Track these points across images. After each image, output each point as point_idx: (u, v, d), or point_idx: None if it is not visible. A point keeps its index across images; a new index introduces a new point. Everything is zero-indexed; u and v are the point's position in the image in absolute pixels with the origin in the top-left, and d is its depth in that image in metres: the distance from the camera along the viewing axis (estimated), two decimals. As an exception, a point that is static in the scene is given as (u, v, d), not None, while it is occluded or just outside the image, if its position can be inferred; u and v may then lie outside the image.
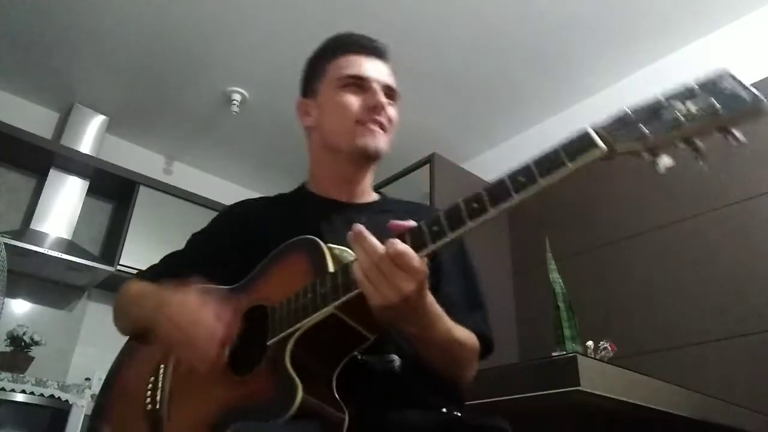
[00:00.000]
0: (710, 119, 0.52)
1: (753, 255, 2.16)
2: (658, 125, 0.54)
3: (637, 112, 0.56)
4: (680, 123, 0.53)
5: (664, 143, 0.55)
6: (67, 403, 2.57)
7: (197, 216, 3.60)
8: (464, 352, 0.85)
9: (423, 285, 0.68)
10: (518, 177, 0.61)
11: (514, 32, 2.77)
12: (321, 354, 0.73)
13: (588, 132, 0.59)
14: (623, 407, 1.14)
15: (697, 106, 0.53)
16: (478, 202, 0.63)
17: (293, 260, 0.82)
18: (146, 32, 2.88)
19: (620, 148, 0.57)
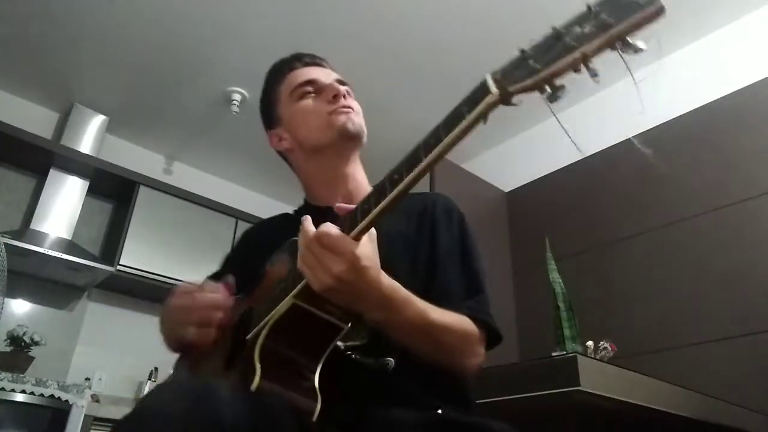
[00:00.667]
0: (602, 33, 0.50)
1: (753, 255, 2.16)
2: (550, 56, 0.53)
3: (533, 48, 0.55)
4: (570, 47, 0.51)
5: (556, 72, 0.52)
6: (67, 403, 2.57)
7: (197, 216, 3.61)
8: (448, 336, 0.81)
9: (356, 265, 0.67)
10: (428, 139, 0.62)
11: (514, 31, 2.77)
12: (294, 344, 0.74)
13: (484, 79, 0.57)
14: (623, 407, 1.14)
15: (590, 25, 0.51)
16: (397, 172, 0.64)
17: (277, 265, 0.86)
18: (146, 32, 2.89)
19: (513, 88, 0.55)
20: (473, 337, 0.85)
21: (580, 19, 0.53)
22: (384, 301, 0.73)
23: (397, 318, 0.75)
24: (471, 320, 0.85)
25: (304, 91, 1.07)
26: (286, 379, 0.71)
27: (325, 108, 1.03)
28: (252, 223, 3.52)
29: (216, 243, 3.58)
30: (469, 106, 0.59)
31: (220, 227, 3.70)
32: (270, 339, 0.73)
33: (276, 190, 4.24)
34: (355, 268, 0.67)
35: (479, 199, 3.09)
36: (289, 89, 1.10)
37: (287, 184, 1.15)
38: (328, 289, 0.68)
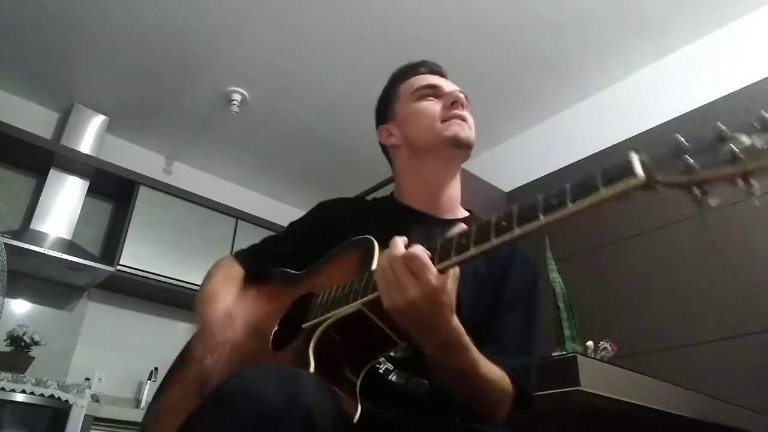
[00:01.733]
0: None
1: (753, 255, 2.16)
2: (711, 158, 0.48)
3: (692, 142, 0.50)
4: (737, 158, 0.46)
5: (712, 179, 0.48)
6: (67, 403, 2.57)
7: (197, 216, 3.62)
8: (487, 391, 0.80)
9: (432, 297, 0.65)
10: (550, 199, 0.58)
11: (515, 32, 2.77)
12: (347, 347, 0.75)
13: (629, 158, 0.54)
14: (623, 407, 1.14)
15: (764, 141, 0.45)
16: (507, 220, 0.61)
17: (348, 256, 0.85)
18: (146, 32, 2.89)
19: (662, 179, 0.51)
20: (507, 397, 0.84)
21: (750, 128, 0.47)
22: (445, 341, 0.71)
23: (450, 362, 0.74)
24: (510, 380, 0.84)
25: (425, 93, 1.09)
26: (335, 378, 0.71)
27: (440, 113, 1.05)
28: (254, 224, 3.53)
29: (216, 243, 3.59)
30: (606, 182, 0.55)
31: (220, 227, 3.70)
32: (327, 335, 0.73)
33: (276, 190, 4.25)
34: (431, 300, 0.65)
35: (479, 199, 3.08)
36: (411, 89, 1.11)
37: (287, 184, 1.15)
38: (396, 310, 0.67)
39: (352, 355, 0.75)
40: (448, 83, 1.12)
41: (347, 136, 3.54)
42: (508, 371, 0.83)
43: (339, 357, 0.74)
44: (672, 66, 2.80)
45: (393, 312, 0.67)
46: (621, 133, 2.72)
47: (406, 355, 0.83)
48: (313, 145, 3.69)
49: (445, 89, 1.09)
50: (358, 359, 0.75)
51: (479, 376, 0.76)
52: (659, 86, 2.80)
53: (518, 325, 0.92)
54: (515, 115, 3.28)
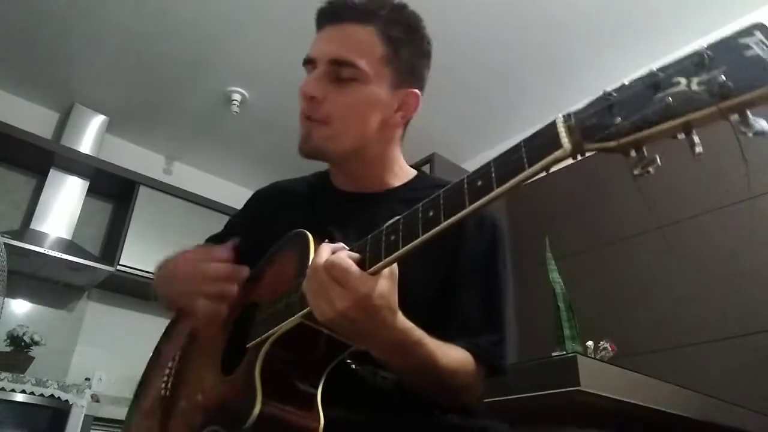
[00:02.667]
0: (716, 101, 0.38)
1: (753, 255, 2.16)
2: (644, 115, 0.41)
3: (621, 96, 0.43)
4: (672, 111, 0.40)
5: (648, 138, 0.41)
6: (67, 403, 2.57)
7: (197, 216, 3.61)
8: (452, 380, 0.74)
9: (363, 304, 0.59)
10: (477, 182, 0.53)
11: (514, 32, 2.77)
12: (297, 360, 0.70)
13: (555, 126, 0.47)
14: (623, 407, 1.14)
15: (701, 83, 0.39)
16: (434, 209, 0.56)
17: (285, 258, 0.78)
18: (146, 32, 2.88)
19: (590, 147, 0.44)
20: (474, 379, 0.77)
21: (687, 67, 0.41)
22: (392, 344, 0.66)
23: (403, 361, 0.70)
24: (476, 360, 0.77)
25: (306, 71, 0.89)
26: (289, 396, 0.68)
27: (301, 104, 0.88)
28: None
29: (216, 243, 3.59)
30: (530, 157, 0.49)
31: (220, 227, 3.69)
32: (273, 354, 0.69)
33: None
34: (362, 307, 0.60)
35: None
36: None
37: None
38: (329, 323, 0.62)
39: (304, 368, 0.71)
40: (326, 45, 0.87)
41: (347, 136, 3.54)
42: (473, 350, 0.76)
43: (290, 373, 0.70)
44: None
45: (326, 324, 0.63)
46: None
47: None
48: (313, 145, 3.69)
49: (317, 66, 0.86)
50: (311, 370, 0.71)
51: (438, 367, 0.71)
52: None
53: (480, 297, 0.83)
54: (515, 115, 3.28)
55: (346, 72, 0.84)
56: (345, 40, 0.86)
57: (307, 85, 0.85)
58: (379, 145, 0.91)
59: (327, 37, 0.88)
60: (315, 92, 0.84)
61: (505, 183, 0.50)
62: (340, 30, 0.87)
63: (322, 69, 0.85)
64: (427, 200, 0.58)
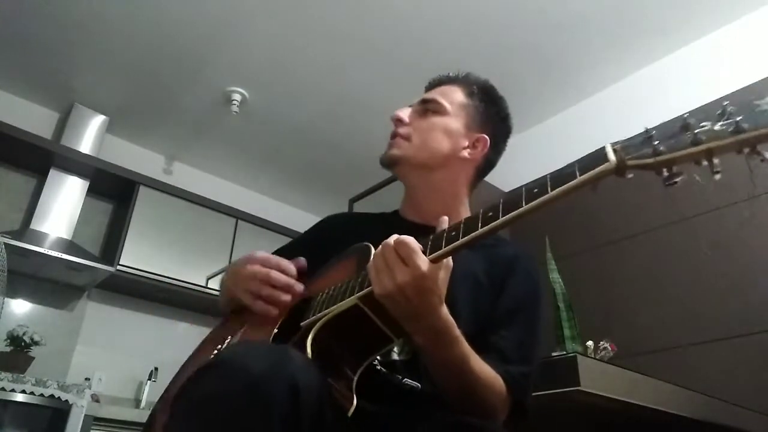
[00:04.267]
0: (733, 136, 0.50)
1: (753, 255, 2.16)
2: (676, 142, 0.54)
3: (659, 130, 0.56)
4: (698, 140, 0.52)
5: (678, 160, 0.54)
6: (67, 403, 2.57)
7: (197, 216, 3.62)
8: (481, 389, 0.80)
9: (420, 283, 0.67)
10: (533, 188, 0.64)
11: (514, 32, 2.77)
12: (343, 343, 0.76)
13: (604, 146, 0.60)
14: (623, 407, 1.14)
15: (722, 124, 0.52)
16: (493, 210, 0.66)
17: (346, 261, 0.87)
18: (146, 32, 2.89)
19: (632, 163, 0.57)
20: (502, 401, 0.83)
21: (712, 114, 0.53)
22: (435, 330, 0.73)
23: (440, 353, 0.75)
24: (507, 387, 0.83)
25: None
26: (331, 372, 0.72)
27: None
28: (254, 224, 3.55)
29: (216, 243, 3.59)
30: (582, 168, 0.61)
31: (220, 227, 3.70)
32: (324, 331, 0.75)
33: (276, 190, 4.25)
34: (419, 285, 0.68)
35: (479, 198, 3.08)
36: None
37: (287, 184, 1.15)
38: (386, 295, 0.69)
39: (348, 352, 0.76)
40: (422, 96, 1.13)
41: (347, 136, 3.54)
42: (503, 375, 0.83)
43: (336, 353, 0.75)
44: (672, 66, 2.80)
45: (382, 297, 0.69)
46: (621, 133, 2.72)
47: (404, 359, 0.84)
48: (314, 145, 3.69)
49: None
50: (354, 356, 0.77)
51: (470, 370, 0.77)
52: (659, 86, 2.80)
53: (518, 335, 0.91)
54: (515, 115, 3.25)
55: (429, 106, 1.08)
56: (437, 91, 1.12)
57: (399, 111, 1.08)
58: (445, 170, 1.06)
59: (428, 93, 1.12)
60: (402, 115, 1.08)
61: (558, 189, 0.61)
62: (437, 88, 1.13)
63: (415, 107, 1.10)
64: (488, 206, 0.68)
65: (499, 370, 0.83)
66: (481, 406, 0.81)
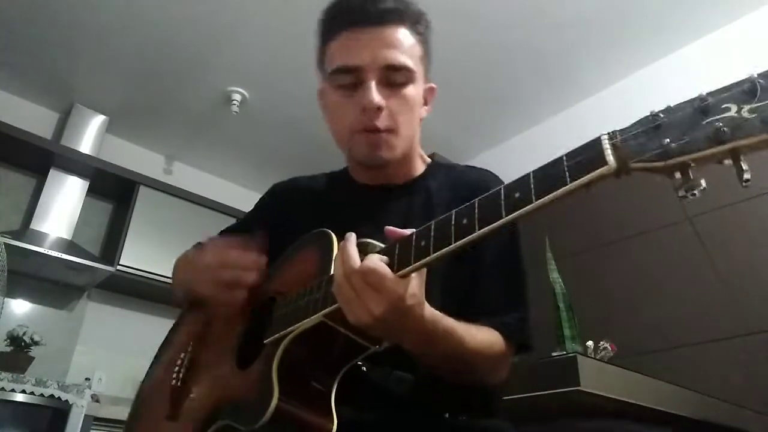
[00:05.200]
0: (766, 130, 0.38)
1: (753, 255, 2.16)
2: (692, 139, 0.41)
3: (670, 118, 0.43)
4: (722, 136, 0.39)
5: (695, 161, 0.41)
6: (67, 403, 2.57)
7: (197, 216, 3.61)
8: (481, 361, 0.74)
9: (399, 306, 0.60)
10: (514, 193, 0.52)
11: (514, 32, 2.77)
12: (314, 359, 0.70)
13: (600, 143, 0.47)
14: (623, 407, 1.14)
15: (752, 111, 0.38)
16: (468, 218, 0.55)
17: (307, 256, 0.78)
18: (146, 32, 2.88)
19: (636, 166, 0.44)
20: (504, 356, 0.78)
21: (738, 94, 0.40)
22: (424, 336, 0.66)
23: (433, 351, 0.70)
24: (504, 338, 0.78)
25: (341, 81, 0.85)
26: (304, 396, 0.67)
27: (351, 121, 0.84)
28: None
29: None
30: (573, 172, 0.48)
31: (220, 227, 3.68)
32: (291, 351, 0.69)
33: (276, 190, 4.24)
34: (398, 308, 0.60)
35: (479, 199, 3.08)
36: (329, 66, 0.87)
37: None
38: (364, 326, 0.62)
39: (320, 368, 0.70)
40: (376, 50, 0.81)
41: (347, 136, 3.54)
42: (500, 329, 0.77)
43: (306, 372, 0.69)
44: (672, 66, 2.80)
45: (361, 327, 0.63)
46: (621, 133, 2.72)
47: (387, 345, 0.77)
48: (314, 145, 3.68)
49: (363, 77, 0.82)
50: (327, 370, 0.70)
51: (467, 353, 0.71)
52: (659, 86, 2.80)
53: (504, 283, 0.85)
54: (515, 115, 3.28)
55: (401, 77, 0.83)
56: (393, 44, 0.82)
57: (372, 97, 0.80)
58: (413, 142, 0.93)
59: (369, 42, 0.82)
60: (382, 102, 0.81)
61: (544, 197, 0.49)
62: (379, 33, 0.83)
63: (375, 76, 0.82)
64: (462, 208, 0.57)
65: (495, 326, 0.77)
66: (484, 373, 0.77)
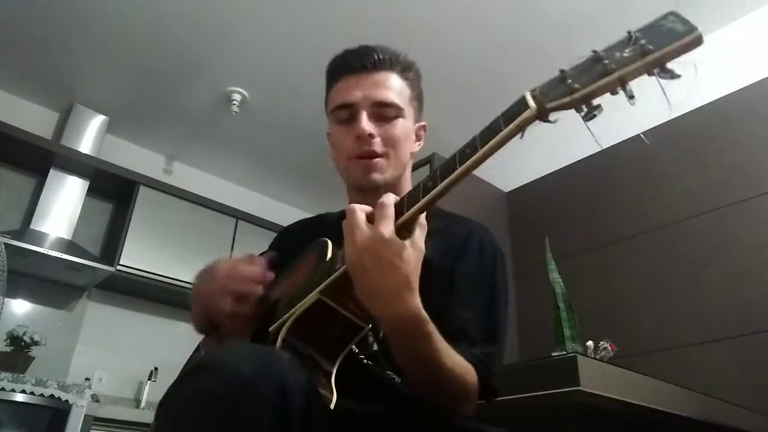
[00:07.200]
0: (640, 59, 0.52)
1: (753, 255, 2.16)
2: (588, 77, 0.55)
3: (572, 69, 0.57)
4: (609, 70, 0.53)
5: (593, 93, 0.55)
6: (67, 403, 2.57)
7: (197, 216, 3.62)
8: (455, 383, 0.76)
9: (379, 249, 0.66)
10: (464, 149, 0.64)
11: (515, 31, 2.77)
12: (315, 340, 0.75)
13: (523, 95, 0.60)
14: (623, 407, 1.14)
15: (629, 50, 0.53)
16: (431, 179, 0.66)
17: (307, 261, 0.86)
18: (146, 32, 2.89)
19: (550, 105, 0.57)
20: (472, 389, 0.79)
21: (620, 44, 0.55)
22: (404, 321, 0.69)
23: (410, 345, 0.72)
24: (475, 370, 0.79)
25: (340, 116, 0.98)
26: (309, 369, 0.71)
27: (348, 149, 0.96)
28: (254, 224, 3.55)
29: (216, 243, 3.59)
30: (506, 120, 0.61)
31: (220, 227, 3.71)
32: (293, 332, 0.74)
33: (276, 190, 4.24)
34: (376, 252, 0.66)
35: (479, 199, 3.08)
36: (331, 106, 1.00)
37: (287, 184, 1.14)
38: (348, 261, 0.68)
39: (321, 347, 0.75)
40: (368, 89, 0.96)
41: (347, 136, 3.54)
42: (470, 360, 0.79)
43: (309, 351, 0.75)
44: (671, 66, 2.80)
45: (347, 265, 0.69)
46: (621, 133, 2.72)
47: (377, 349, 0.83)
48: (314, 145, 3.68)
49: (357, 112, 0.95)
50: (329, 350, 0.75)
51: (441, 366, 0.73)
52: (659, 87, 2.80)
53: (478, 314, 0.86)
54: (515, 115, 3.27)
55: (390, 112, 0.96)
56: (383, 86, 0.97)
57: (363, 126, 0.93)
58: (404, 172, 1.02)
59: (363, 84, 0.97)
60: (373, 130, 0.94)
61: (487, 144, 0.62)
62: (371, 77, 0.97)
63: (366, 111, 0.95)
64: (428, 175, 0.67)
65: (467, 356, 0.79)
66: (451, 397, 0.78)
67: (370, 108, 0.95)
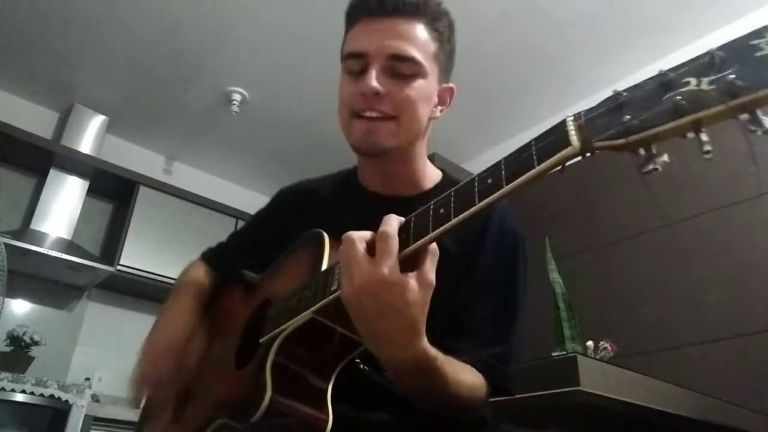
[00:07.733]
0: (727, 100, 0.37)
1: (753, 255, 2.15)
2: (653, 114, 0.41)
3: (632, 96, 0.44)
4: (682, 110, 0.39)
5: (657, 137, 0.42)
6: (67, 403, 2.57)
7: (197, 216, 3.62)
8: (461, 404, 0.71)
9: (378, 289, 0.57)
10: (485, 182, 0.53)
11: (515, 32, 2.77)
12: (310, 357, 0.71)
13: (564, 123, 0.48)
14: (623, 407, 1.14)
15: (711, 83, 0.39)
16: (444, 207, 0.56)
17: (301, 255, 0.79)
18: (146, 32, 2.88)
19: (599, 145, 0.44)
20: (480, 401, 0.74)
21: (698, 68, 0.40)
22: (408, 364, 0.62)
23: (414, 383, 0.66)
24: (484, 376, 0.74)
25: (348, 66, 0.85)
26: (298, 394, 0.68)
27: (351, 104, 0.83)
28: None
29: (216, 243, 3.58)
30: (540, 155, 0.49)
31: (220, 227, 3.70)
32: (284, 349, 0.70)
33: (276, 190, 4.24)
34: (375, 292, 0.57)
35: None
36: (343, 52, 0.87)
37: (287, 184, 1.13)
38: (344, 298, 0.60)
39: (314, 365, 0.71)
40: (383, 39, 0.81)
41: (347, 136, 3.54)
42: (479, 367, 0.73)
43: (301, 369, 0.70)
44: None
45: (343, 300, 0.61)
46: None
47: None
48: (314, 145, 3.69)
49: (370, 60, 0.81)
50: (322, 367, 0.71)
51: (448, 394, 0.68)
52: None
53: (492, 310, 0.80)
54: (515, 115, 3.27)
55: (406, 68, 0.82)
56: (403, 36, 0.82)
57: (370, 81, 0.80)
58: (421, 139, 0.90)
59: (380, 31, 0.82)
60: (382, 88, 0.80)
61: (514, 180, 0.50)
62: (391, 24, 0.83)
63: (379, 64, 0.81)
64: (439, 198, 0.57)
65: (474, 362, 0.73)
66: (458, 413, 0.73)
67: (383, 61, 0.82)
